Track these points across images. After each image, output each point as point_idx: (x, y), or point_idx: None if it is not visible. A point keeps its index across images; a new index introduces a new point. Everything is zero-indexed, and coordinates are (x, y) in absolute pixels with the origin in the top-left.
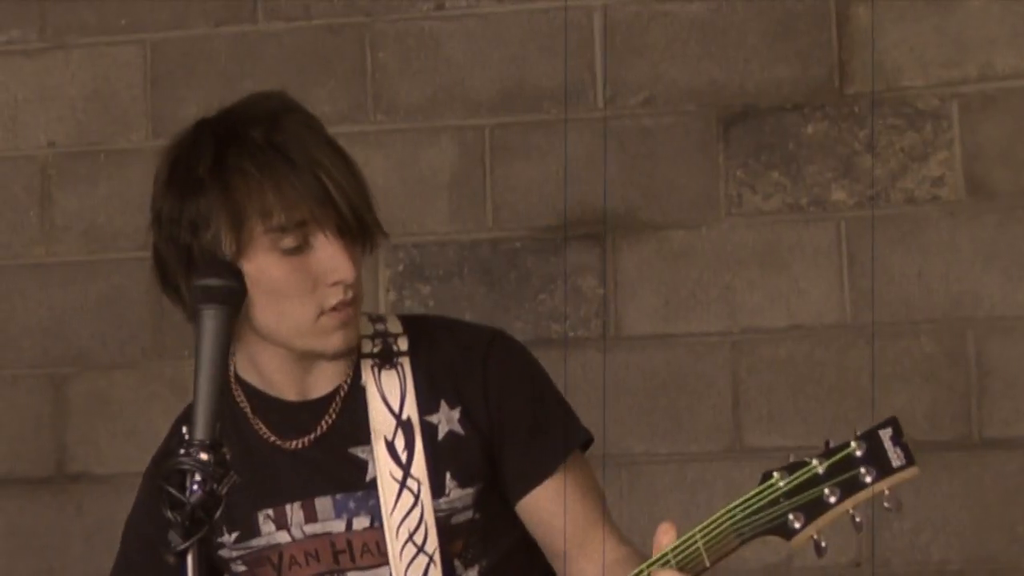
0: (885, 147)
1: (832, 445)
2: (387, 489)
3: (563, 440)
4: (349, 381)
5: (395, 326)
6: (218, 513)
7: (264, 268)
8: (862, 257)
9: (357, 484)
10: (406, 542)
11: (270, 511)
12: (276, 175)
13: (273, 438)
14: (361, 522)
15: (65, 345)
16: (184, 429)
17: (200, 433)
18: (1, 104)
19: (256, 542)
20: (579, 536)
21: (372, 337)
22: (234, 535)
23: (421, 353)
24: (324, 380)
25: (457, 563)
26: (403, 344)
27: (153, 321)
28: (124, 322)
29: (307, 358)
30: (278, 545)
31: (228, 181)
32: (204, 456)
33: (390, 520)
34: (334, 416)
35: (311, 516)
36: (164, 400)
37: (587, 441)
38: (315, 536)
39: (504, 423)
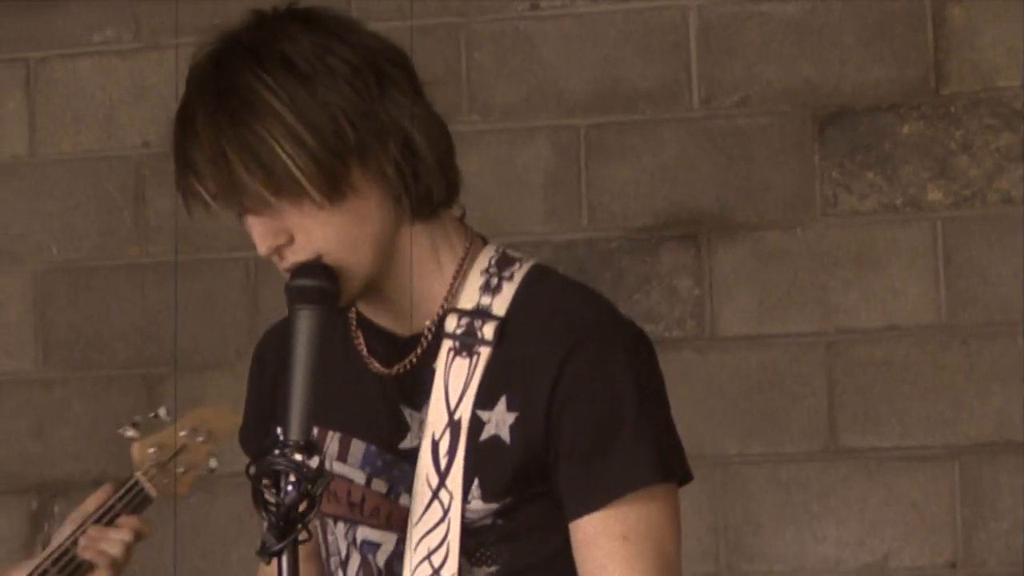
0: (981, 147)
1: None
2: (419, 495)
3: (621, 477)
4: (430, 337)
5: (501, 302)
6: (312, 515)
7: None
8: (958, 257)
9: (391, 445)
10: (423, 560)
11: (316, 430)
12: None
13: (362, 354)
14: (379, 485)
15: (159, 346)
16: (279, 429)
17: (295, 434)
18: (96, 104)
19: None
20: None
21: (461, 315)
22: None
23: (506, 343)
24: (404, 320)
25: (462, 560)
26: (488, 332)
27: (248, 322)
28: (218, 323)
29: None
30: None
31: None
32: (299, 457)
33: (413, 531)
34: (407, 366)
35: (343, 455)
36: None
37: (677, 478)
38: (339, 476)
39: (562, 436)
